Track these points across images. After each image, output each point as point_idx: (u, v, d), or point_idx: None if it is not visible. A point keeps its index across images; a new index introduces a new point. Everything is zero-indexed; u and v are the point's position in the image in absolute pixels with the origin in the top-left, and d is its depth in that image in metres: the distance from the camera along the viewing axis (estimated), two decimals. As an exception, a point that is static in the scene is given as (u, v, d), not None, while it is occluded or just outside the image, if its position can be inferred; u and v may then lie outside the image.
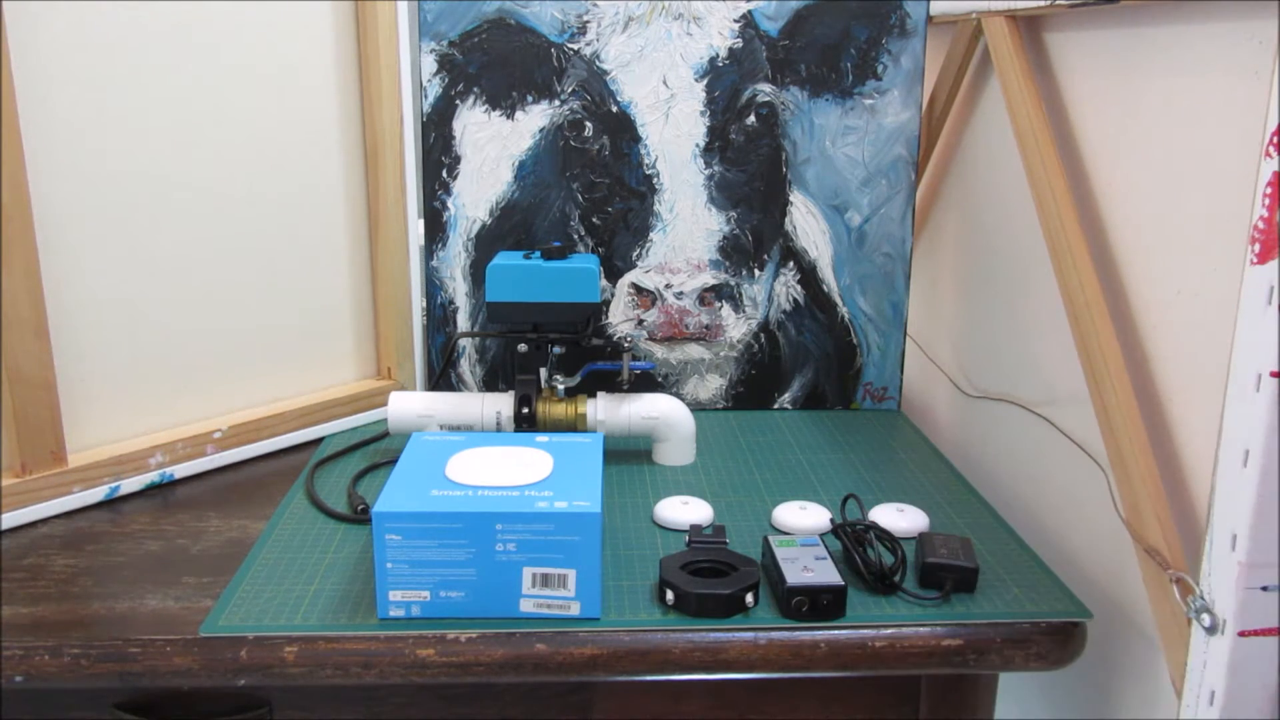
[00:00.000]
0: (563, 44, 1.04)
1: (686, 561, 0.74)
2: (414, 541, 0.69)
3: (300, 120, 0.99)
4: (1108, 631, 0.82)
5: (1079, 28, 0.88)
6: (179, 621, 0.70)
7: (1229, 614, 0.59)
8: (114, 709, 0.72)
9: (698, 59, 1.04)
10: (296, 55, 0.97)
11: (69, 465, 0.87)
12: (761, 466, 0.97)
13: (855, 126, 1.07)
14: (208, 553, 0.81)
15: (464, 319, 1.10)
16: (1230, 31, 0.68)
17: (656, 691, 0.75)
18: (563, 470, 0.75)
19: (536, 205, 1.07)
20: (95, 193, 0.87)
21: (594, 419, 0.96)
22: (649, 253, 1.08)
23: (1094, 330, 0.81)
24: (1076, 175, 0.88)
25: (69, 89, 0.84)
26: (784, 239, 1.09)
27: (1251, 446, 0.56)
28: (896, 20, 1.05)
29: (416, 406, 0.96)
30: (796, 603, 0.71)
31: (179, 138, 0.91)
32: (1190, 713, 0.63)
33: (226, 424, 0.97)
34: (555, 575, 0.70)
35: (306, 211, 1.01)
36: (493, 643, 0.69)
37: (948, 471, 0.97)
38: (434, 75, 1.04)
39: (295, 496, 0.90)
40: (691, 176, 1.06)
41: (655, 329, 1.10)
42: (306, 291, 1.03)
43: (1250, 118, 0.66)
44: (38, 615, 0.71)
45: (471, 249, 1.08)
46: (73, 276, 0.86)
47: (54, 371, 0.85)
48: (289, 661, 0.68)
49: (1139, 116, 0.79)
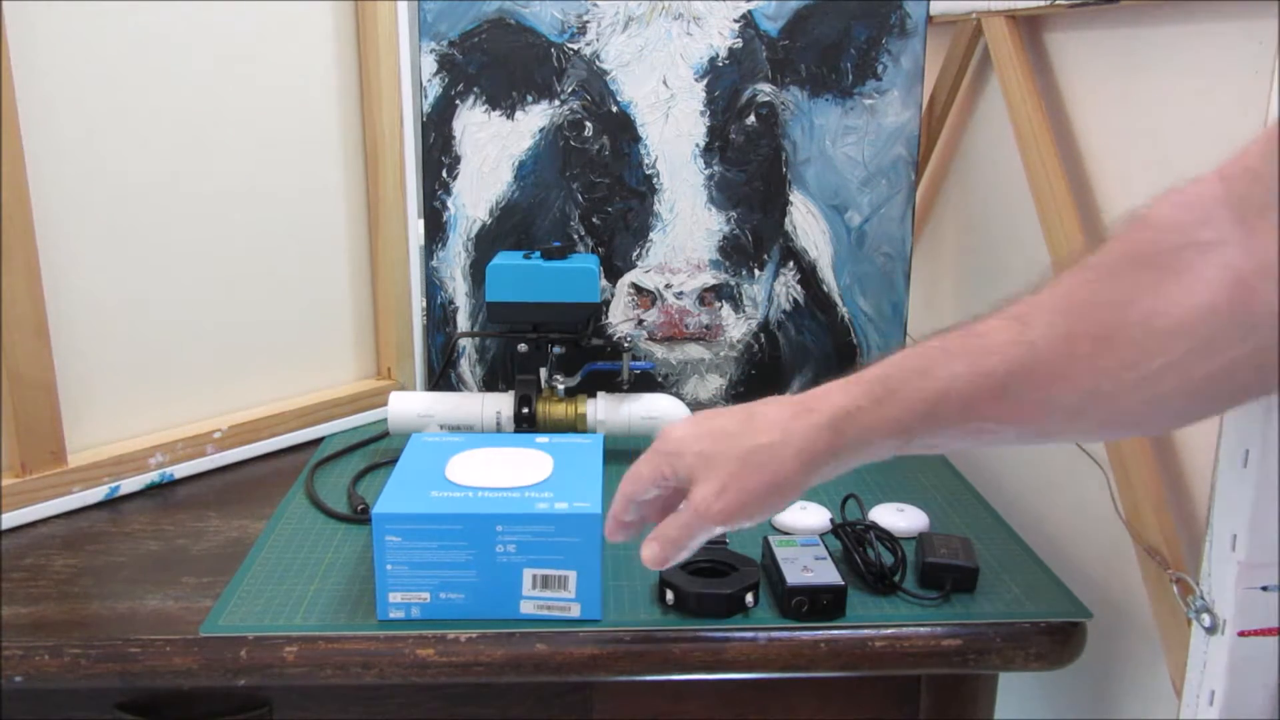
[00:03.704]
0: (563, 44, 1.04)
1: (686, 561, 0.74)
2: (414, 543, 0.69)
3: (300, 120, 0.99)
4: (1108, 631, 0.82)
5: (1079, 28, 0.88)
6: (179, 621, 0.70)
7: (1229, 614, 0.59)
8: (115, 709, 0.72)
9: (698, 59, 1.04)
10: (296, 55, 0.97)
11: (69, 465, 0.87)
12: (761, 466, 0.97)
13: (855, 126, 1.07)
14: (208, 553, 0.81)
15: (464, 319, 1.10)
16: (1230, 31, 0.68)
17: (656, 691, 0.75)
18: (563, 471, 0.75)
19: (536, 205, 1.07)
20: (95, 193, 0.87)
21: (594, 419, 0.96)
22: (649, 253, 1.08)
23: (1094, 330, 0.81)
24: (1076, 175, 0.88)
25: (69, 89, 0.84)
26: (784, 239, 1.09)
27: (1251, 446, 0.56)
28: (896, 20, 1.05)
29: (416, 406, 0.96)
30: (796, 603, 0.71)
31: (179, 138, 0.91)
32: (1190, 713, 0.63)
33: (226, 424, 0.97)
34: (555, 577, 0.70)
35: (306, 211, 1.01)
36: (493, 643, 0.69)
37: (948, 471, 0.96)
38: (434, 75, 1.04)
39: (295, 496, 0.90)
40: (691, 176, 1.06)
41: (655, 329, 1.10)
42: (306, 291, 1.03)
43: (1250, 118, 0.66)
44: (38, 615, 0.71)
45: (471, 249, 1.08)
46: (73, 276, 0.86)
47: (54, 371, 0.85)
48: (289, 661, 0.68)
49: (1139, 116, 0.79)
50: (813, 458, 0.55)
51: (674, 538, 0.60)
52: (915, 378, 0.53)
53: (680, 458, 0.60)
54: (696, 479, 0.59)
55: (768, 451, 0.56)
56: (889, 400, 0.53)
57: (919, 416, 0.53)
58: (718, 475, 0.57)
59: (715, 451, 0.58)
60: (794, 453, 0.55)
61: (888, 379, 0.54)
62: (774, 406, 0.58)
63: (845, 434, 0.55)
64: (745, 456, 0.57)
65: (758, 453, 0.56)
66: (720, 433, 0.59)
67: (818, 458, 0.55)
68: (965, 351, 0.52)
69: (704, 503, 0.58)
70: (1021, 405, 0.50)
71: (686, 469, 0.59)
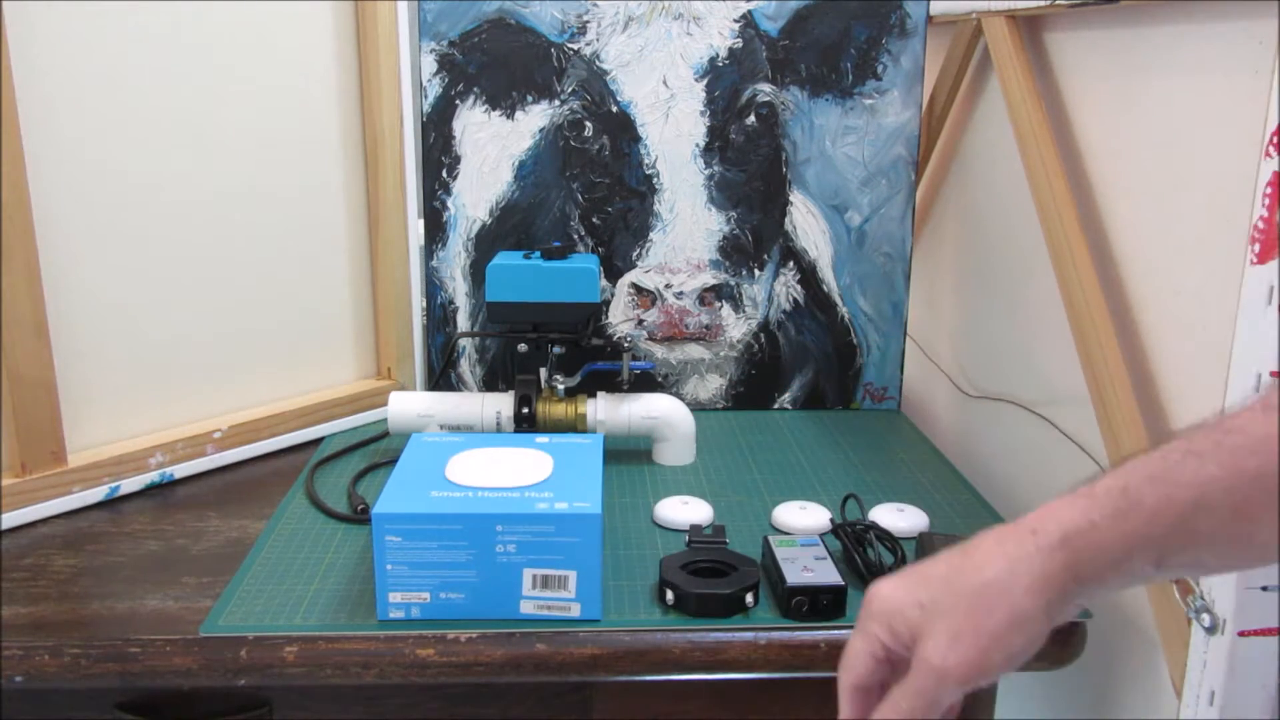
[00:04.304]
0: (563, 44, 1.04)
1: (686, 561, 0.74)
2: (414, 543, 0.69)
3: (300, 120, 0.99)
4: (1108, 631, 0.82)
5: (1079, 28, 0.88)
6: (179, 621, 0.70)
7: (1229, 614, 0.59)
8: (115, 709, 0.72)
9: (698, 59, 1.04)
10: (296, 55, 0.97)
11: (69, 465, 0.87)
12: (761, 466, 0.97)
13: (855, 126, 1.07)
14: (208, 553, 0.81)
15: (464, 319, 1.10)
16: (1230, 31, 0.68)
17: (656, 691, 0.75)
18: (563, 471, 0.75)
19: (536, 205, 1.07)
20: (95, 193, 0.87)
21: (594, 419, 0.96)
22: (649, 253, 1.08)
23: (1094, 330, 0.81)
24: (1076, 175, 0.88)
25: (69, 89, 0.84)
26: (784, 239, 1.09)
27: (1251, 447, 0.56)
28: (896, 20, 1.05)
29: (416, 406, 0.96)
30: (796, 603, 0.71)
31: (179, 137, 0.91)
32: (1190, 713, 0.63)
33: (226, 424, 0.97)
34: (555, 577, 0.70)
35: (306, 211, 1.01)
36: (493, 643, 0.69)
37: (948, 471, 0.97)
38: (434, 75, 1.04)
39: (295, 496, 0.90)
40: (691, 176, 1.06)
41: (655, 329, 1.10)
42: (306, 291, 1.03)
43: (1250, 118, 0.66)
44: (38, 615, 0.71)
45: (471, 249, 1.08)
46: (73, 276, 0.86)
47: (54, 371, 0.85)
48: (289, 661, 0.68)
49: (1139, 116, 0.79)
50: (1047, 584, 0.47)
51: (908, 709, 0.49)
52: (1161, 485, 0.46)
53: (898, 616, 0.50)
54: (922, 635, 0.49)
55: (996, 587, 0.48)
56: (1132, 513, 0.46)
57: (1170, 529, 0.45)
58: (947, 624, 0.48)
59: (937, 598, 0.49)
60: (1027, 584, 0.47)
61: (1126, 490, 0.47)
62: (991, 537, 0.50)
63: (1082, 553, 0.47)
64: (974, 597, 0.48)
65: (986, 590, 0.48)
66: (937, 578, 0.50)
67: (1052, 583, 0.47)
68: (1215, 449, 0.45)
69: (938, 656, 0.48)
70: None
71: (908, 627, 0.49)
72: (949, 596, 0.49)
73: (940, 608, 0.49)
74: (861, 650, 0.51)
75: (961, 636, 0.48)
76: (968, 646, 0.48)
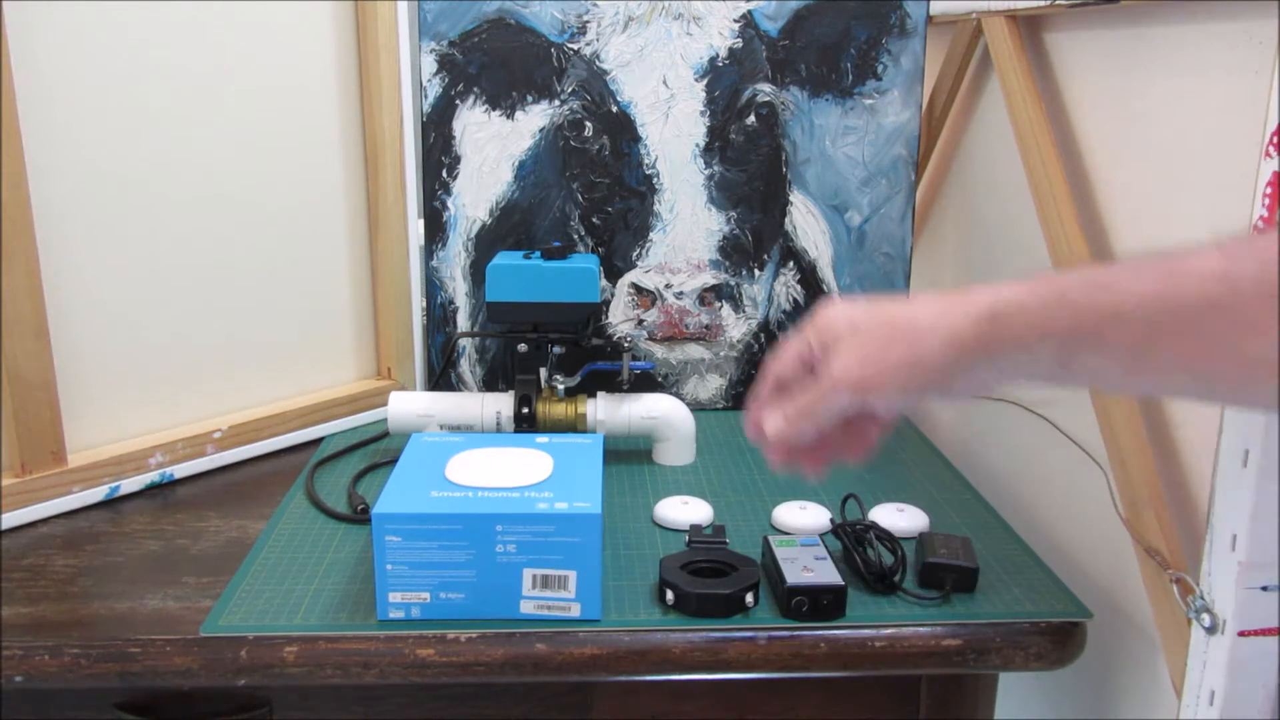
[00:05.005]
0: (563, 44, 1.04)
1: (686, 561, 0.74)
2: (414, 543, 0.69)
3: (300, 120, 0.99)
4: (1108, 631, 0.82)
5: (1079, 28, 0.88)
6: (179, 621, 0.70)
7: (1229, 614, 0.59)
8: (115, 709, 0.72)
9: (698, 59, 1.04)
10: (296, 55, 0.97)
11: (69, 465, 0.87)
12: (761, 466, 0.97)
13: (855, 126, 1.07)
14: (208, 553, 0.81)
15: (464, 319, 1.10)
16: (1230, 31, 0.68)
17: (656, 691, 0.75)
18: (563, 471, 0.75)
19: (536, 205, 1.07)
20: (95, 193, 0.87)
21: (594, 419, 0.96)
22: (649, 253, 1.08)
23: (1094, 330, 0.80)
24: (1076, 175, 0.88)
25: (69, 89, 0.84)
26: (784, 239, 1.09)
27: (1251, 446, 0.56)
28: (896, 20, 1.05)
29: (416, 406, 0.96)
30: (796, 603, 0.71)
31: (179, 137, 0.91)
32: (1190, 713, 0.63)
33: (226, 424, 0.97)
34: (555, 577, 0.70)
35: (306, 211, 1.01)
36: (493, 643, 0.69)
37: (948, 471, 0.97)
38: (434, 75, 1.04)
39: (295, 496, 0.90)
40: (691, 176, 1.06)
41: (655, 329, 1.10)
42: (306, 291, 1.03)
43: (1250, 118, 0.66)
44: (38, 615, 0.71)
45: (471, 249, 1.08)
46: (73, 276, 0.86)
47: (54, 371, 0.85)
48: (289, 661, 0.68)
49: (1139, 116, 0.79)
50: (962, 345, 0.51)
51: (802, 405, 0.58)
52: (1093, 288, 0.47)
53: (829, 330, 0.57)
54: (838, 350, 0.56)
55: (914, 328, 0.53)
56: (1058, 305, 0.48)
57: (1088, 331, 0.47)
58: (859, 344, 0.55)
59: (866, 325, 0.56)
60: (944, 335, 0.52)
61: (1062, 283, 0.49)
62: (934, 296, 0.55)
63: (1002, 329, 0.50)
64: (893, 329, 0.54)
65: (907, 326, 0.54)
66: (875, 312, 0.56)
67: (966, 346, 0.51)
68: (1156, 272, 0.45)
69: (840, 367, 0.55)
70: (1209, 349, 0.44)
71: (834, 339, 0.57)
72: (875, 326, 0.55)
73: (862, 330, 0.56)
74: (792, 349, 0.60)
75: (866, 359, 0.55)
76: (865, 366, 0.55)
